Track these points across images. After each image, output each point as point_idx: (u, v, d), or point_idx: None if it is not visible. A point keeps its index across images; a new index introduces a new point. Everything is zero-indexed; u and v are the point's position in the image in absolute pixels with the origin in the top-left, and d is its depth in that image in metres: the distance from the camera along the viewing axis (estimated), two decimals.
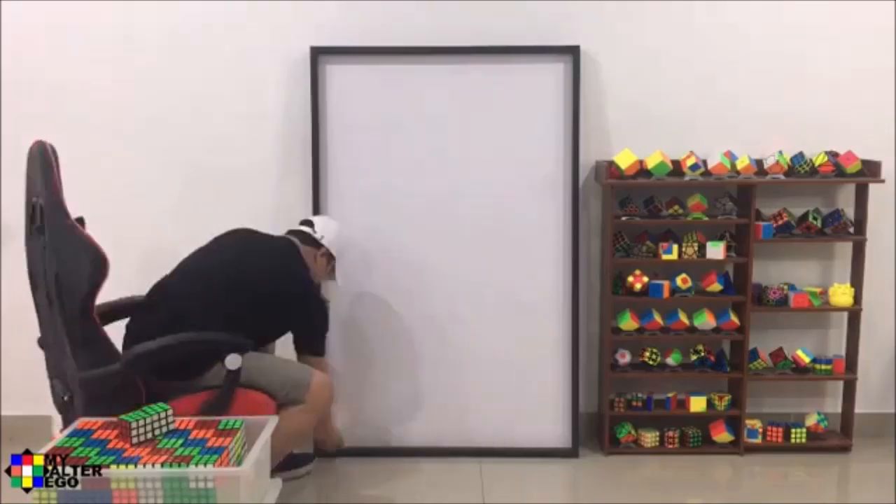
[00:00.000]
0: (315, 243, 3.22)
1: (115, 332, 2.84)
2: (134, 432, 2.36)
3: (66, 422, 2.70)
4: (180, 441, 2.39)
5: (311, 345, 3.12)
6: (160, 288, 3.00)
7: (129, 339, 2.86)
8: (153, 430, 2.42)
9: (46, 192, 2.61)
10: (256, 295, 2.94)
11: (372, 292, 3.58)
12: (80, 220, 2.72)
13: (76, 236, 2.59)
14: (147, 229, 3.56)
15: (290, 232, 3.25)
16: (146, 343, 2.66)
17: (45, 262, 2.62)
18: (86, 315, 2.56)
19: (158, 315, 2.87)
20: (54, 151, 2.67)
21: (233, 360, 2.70)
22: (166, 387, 2.73)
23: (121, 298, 3.03)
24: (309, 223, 3.28)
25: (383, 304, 3.58)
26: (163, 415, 2.44)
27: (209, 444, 2.38)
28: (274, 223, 3.61)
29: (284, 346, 3.19)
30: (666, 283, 3.48)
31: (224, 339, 2.74)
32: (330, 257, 3.25)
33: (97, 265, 2.57)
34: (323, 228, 3.26)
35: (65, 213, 2.61)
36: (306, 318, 3.10)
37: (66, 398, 2.70)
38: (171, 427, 2.47)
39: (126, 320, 2.99)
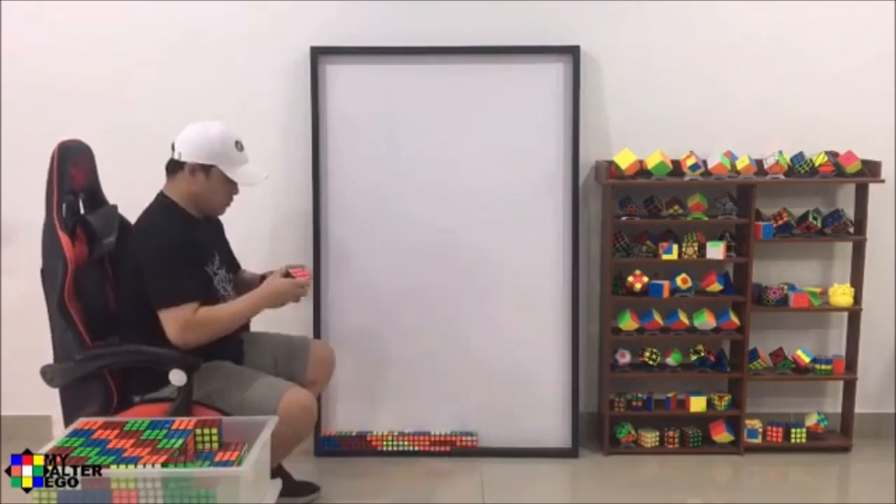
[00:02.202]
0: (177, 166, 2.76)
1: None
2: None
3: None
4: (181, 441, 2.40)
5: (156, 300, 2.64)
6: None
7: None
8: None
9: (46, 190, 2.66)
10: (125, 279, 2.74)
11: (371, 292, 3.57)
12: (114, 207, 2.75)
13: (54, 237, 2.61)
14: None
15: (165, 168, 2.83)
16: (101, 347, 2.66)
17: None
18: (61, 309, 2.59)
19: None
20: (59, 150, 2.70)
21: (177, 377, 2.58)
22: (136, 391, 2.73)
23: None
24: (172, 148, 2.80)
25: (382, 303, 3.58)
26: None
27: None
28: (274, 223, 3.62)
29: None
30: (666, 283, 3.48)
31: (167, 354, 2.62)
32: (205, 168, 2.74)
33: (64, 268, 2.58)
34: (179, 144, 2.76)
35: (50, 211, 2.64)
36: (140, 272, 2.66)
37: None
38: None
39: None
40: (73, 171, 2.72)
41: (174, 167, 2.78)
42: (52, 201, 2.65)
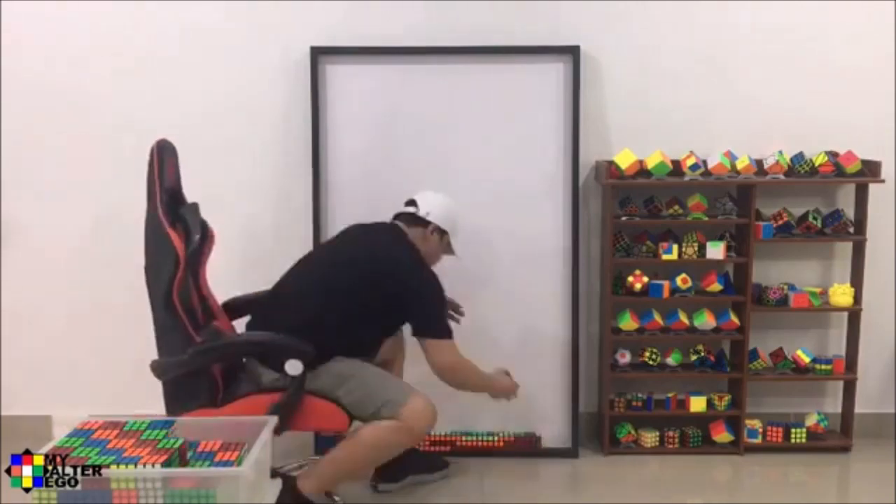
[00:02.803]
0: (422, 222, 3.09)
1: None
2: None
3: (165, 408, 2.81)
4: (179, 442, 2.40)
5: (428, 327, 2.93)
6: (279, 286, 3.04)
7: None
8: None
9: (147, 188, 2.72)
10: (365, 285, 2.89)
11: None
12: (195, 205, 2.80)
13: (162, 233, 2.66)
14: None
15: (396, 216, 3.15)
16: (216, 339, 2.74)
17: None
18: (167, 305, 2.64)
19: (272, 313, 2.93)
20: (158, 147, 2.75)
21: (293, 366, 2.69)
22: (242, 383, 2.81)
23: (257, 292, 3.12)
24: (412, 202, 3.13)
25: None
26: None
27: (199, 449, 2.39)
28: (274, 223, 3.62)
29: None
30: (666, 283, 3.48)
31: (287, 343, 2.72)
32: (441, 232, 3.11)
33: (174, 263, 2.64)
34: (426, 204, 3.10)
35: (154, 208, 2.69)
36: (416, 298, 2.93)
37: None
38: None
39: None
40: (168, 168, 2.76)
41: (416, 222, 3.09)
42: (155, 198, 2.69)
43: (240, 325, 3.07)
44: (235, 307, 3.09)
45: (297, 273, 3.04)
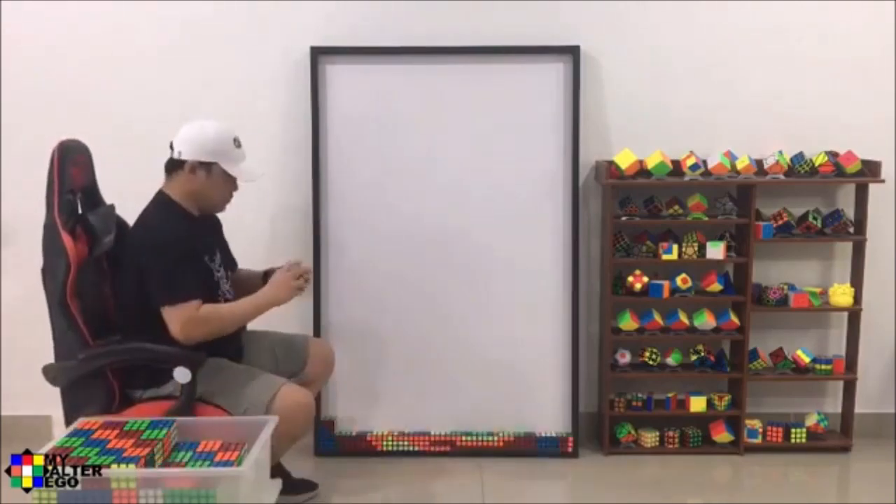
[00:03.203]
0: (177, 165, 2.77)
1: None
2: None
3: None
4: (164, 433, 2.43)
5: (156, 299, 2.65)
6: None
7: None
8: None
9: (46, 189, 2.67)
10: (124, 278, 2.76)
11: (371, 291, 3.57)
12: (111, 206, 2.75)
13: (55, 236, 2.63)
14: None
15: (165, 167, 2.85)
16: (104, 345, 2.68)
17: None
18: (62, 308, 2.61)
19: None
20: (59, 149, 2.71)
21: (181, 374, 2.60)
22: (138, 389, 2.75)
23: None
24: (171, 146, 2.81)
25: (382, 303, 3.57)
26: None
27: (199, 449, 2.41)
28: (273, 223, 3.62)
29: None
30: (666, 283, 3.48)
31: (171, 351, 2.64)
32: (205, 166, 2.76)
33: (68, 266, 2.60)
34: (179, 143, 2.77)
35: (51, 211, 2.65)
36: (141, 272, 2.67)
37: None
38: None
39: None
40: (72, 170, 2.73)
41: (173, 166, 2.80)
42: (52, 200, 2.66)
43: None
44: None
45: None
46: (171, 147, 2.80)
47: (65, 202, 2.67)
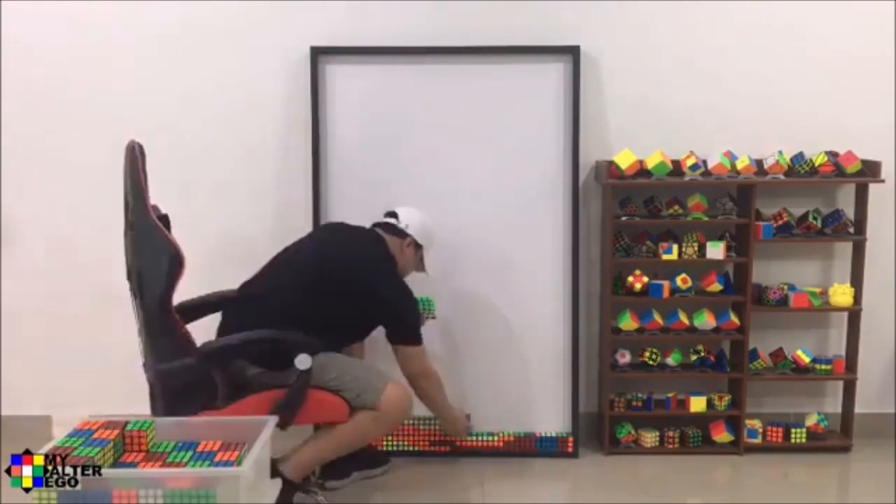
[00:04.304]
0: (400, 233, 3.16)
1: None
2: None
3: (153, 412, 2.78)
4: (171, 445, 2.43)
5: (401, 333, 3.04)
6: (251, 284, 3.06)
7: (220, 334, 2.97)
8: None
9: (132, 190, 2.68)
10: (340, 286, 2.94)
11: None
12: (165, 218, 2.78)
13: (156, 235, 2.65)
14: None
15: (376, 224, 3.22)
16: (220, 339, 2.78)
17: (130, 257, 2.73)
18: (164, 310, 2.64)
19: (248, 311, 2.94)
20: (141, 150, 2.73)
21: (303, 361, 2.71)
22: (242, 384, 2.80)
23: (210, 293, 3.11)
24: (393, 214, 3.22)
25: None
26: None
27: (199, 449, 2.41)
28: (274, 223, 3.62)
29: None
30: (666, 283, 3.48)
31: (295, 338, 2.75)
32: (417, 246, 3.19)
33: (174, 264, 2.64)
34: (407, 217, 3.19)
35: (146, 210, 2.66)
36: (391, 304, 3.01)
37: (151, 390, 2.79)
38: None
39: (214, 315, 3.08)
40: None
41: (395, 232, 3.16)
42: (143, 200, 2.65)
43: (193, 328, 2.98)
44: (185, 311, 2.94)
45: (276, 269, 3.07)
46: (395, 216, 3.19)
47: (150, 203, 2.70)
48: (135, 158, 2.69)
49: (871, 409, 3.71)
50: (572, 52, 3.47)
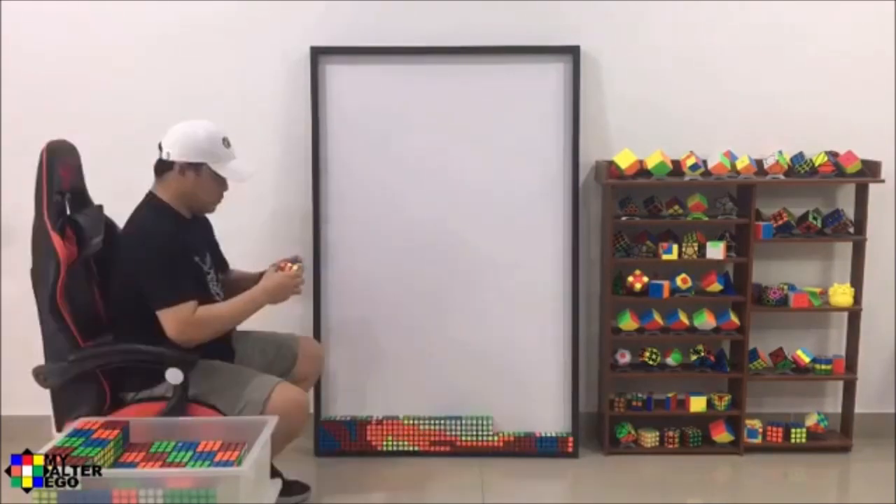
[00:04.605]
0: (167, 166, 2.77)
1: None
2: None
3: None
4: (171, 445, 2.42)
5: (151, 299, 2.65)
6: None
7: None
8: None
9: (35, 191, 2.67)
10: (117, 282, 2.77)
11: (371, 292, 3.57)
12: (99, 207, 2.75)
13: (45, 237, 2.64)
14: None
15: (154, 168, 2.85)
16: (96, 346, 2.69)
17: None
18: (52, 310, 2.61)
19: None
20: (47, 150, 2.71)
21: (173, 375, 2.60)
22: (130, 390, 2.74)
23: None
24: (159, 146, 2.81)
25: (382, 303, 3.58)
26: None
27: (199, 449, 2.41)
28: (273, 223, 3.62)
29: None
30: (666, 283, 3.48)
31: (164, 352, 2.64)
32: (195, 167, 2.76)
33: (57, 267, 2.61)
34: (167, 144, 2.77)
35: (40, 212, 2.66)
36: (134, 273, 2.68)
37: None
38: None
39: None
40: (61, 171, 2.73)
41: (163, 167, 2.80)
42: (41, 202, 2.66)
43: None
44: None
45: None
46: (160, 148, 2.80)
47: (53, 203, 2.67)
48: (40, 163, 2.67)
49: (871, 409, 3.71)
50: (572, 52, 3.47)
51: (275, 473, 2.96)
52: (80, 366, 2.64)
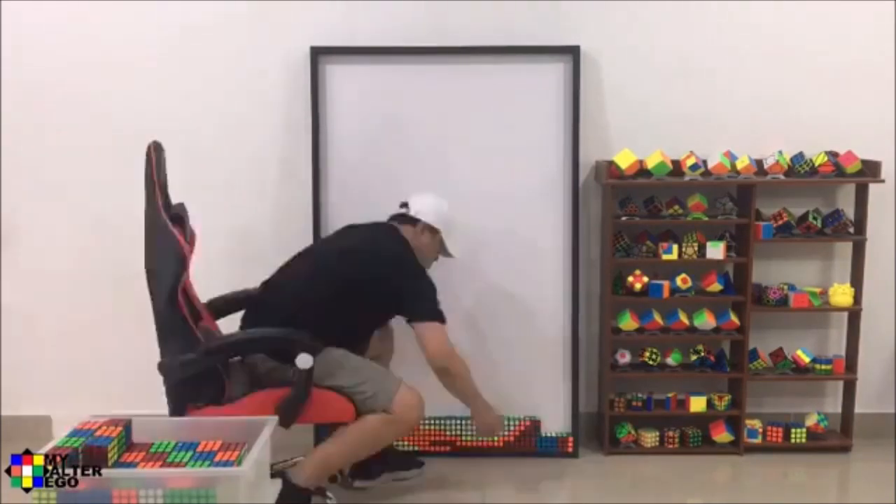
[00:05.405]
0: (412, 220, 3.14)
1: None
2: None
3: (169, 408, 2.80)
4: (171, 445, 2.43)
5: (423, 310, 2.96)
6: (270, 282, 3.08)
7: (242, 329, 3.00)
8: None
9: (145, 190, 2.72)
10: (359, 276, 2.95)
11: None
12: (178, 216, 2.80)
13: (165, 231, 2.67)
14: None
15: (392, 217, 3.21)
16: (223, 337, 2.81)
17: (145, 255, 2.77)
18: (172, 306, 2.66)
19: (265, 308, 2.97)
20: (157, 149, 2.75)
21: (303, 360, 2.70)
22: (254, 380, 2.82)
23: (236, 291, 3.15)
24: (405, 204, 3.21)
25: None
26: None
27: (199, 449, 2.41)
28: (274, 223, 3.62)
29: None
30: (666, 283, 3.48)
31: (296, 337, 2.74)
32: (432, 231, 3.14)
33: (179, 262, 2.66)
34: (417, 204, 3.17)
35: (157, 210, 2.69)
36: (411, 287, 2.98)
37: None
38: None
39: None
40: (163, 168, 2.78)
41: (405, 220, 3.14)
42: (155, 198, 2.69)
43: (223, 324, 3.07)
44: (216, 307, 3.07)
45: (294, 266, 3.08)
46: (407, 205, 3.16)
47: (167, 200, 2.72)
48: (149, 160, 2.71)
49: (871, 409, 3.71)
50: (572, 52, 3.47)
51: (386, 450, 3.06)
52: (213, 357, 2.71)
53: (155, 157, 2.73)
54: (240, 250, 3.38)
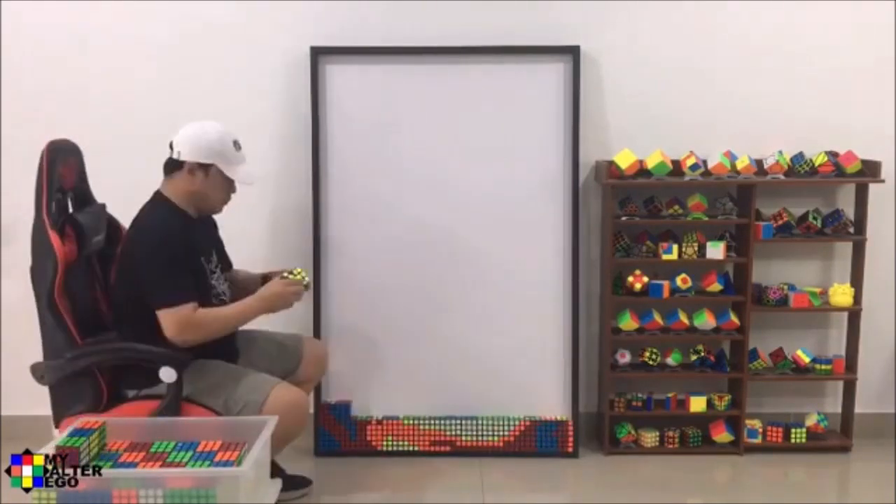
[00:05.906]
0: (176, 165, 2.77)
1: None
2: None
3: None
4: (171, 445, 2.43)
5: (152, 300, 2.66)
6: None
7: None
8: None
9: (35, 190, 2.70)
10: (120, 279, 2.80)
11: (371, 292, 3.57)
12: (102, 206, 2.76)
13: (43, 235, 2.65)
14: None
15: (164, 166, 2.84)
16: (90, 345, 2.70)
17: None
18: (50, 307, 2.63)
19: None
20: (48, 149, 2.73)
21: (167, 374, 2.61)
22: (133, 388, 2.75)
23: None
24: (170, 145, 2.82)
25: (382, 304, 3.57)
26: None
27: (199, 449, 2.41)
28: (273, 223, 3.62)
29: None
30: (666, 283, 3.48)
31: (157, 351, 2.65)
32: (204, 167, 2.76)
33: (54, 265, 2.63)
34: (178, 143, 2.78)
35: (40, 211, 2.67)
36: (137, 275, 2.69)
37: None
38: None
39: None
40: (62, 170, 2.75)
41: (172, 166, 2.81)
42: (41, 200, 2.68)
43: None
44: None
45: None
46: (171, 147, 2.81)
47: (53, 202, 2.68)
48: (41, 162, 2.68)
49: (871, 409, 3.71)
50: (572, 52, 3.47)
51: (275, 471, 2.95)
52: (77, 363, 2.65)
53: (46, 160, 2.68)
54: (239, 251, 3.36)
